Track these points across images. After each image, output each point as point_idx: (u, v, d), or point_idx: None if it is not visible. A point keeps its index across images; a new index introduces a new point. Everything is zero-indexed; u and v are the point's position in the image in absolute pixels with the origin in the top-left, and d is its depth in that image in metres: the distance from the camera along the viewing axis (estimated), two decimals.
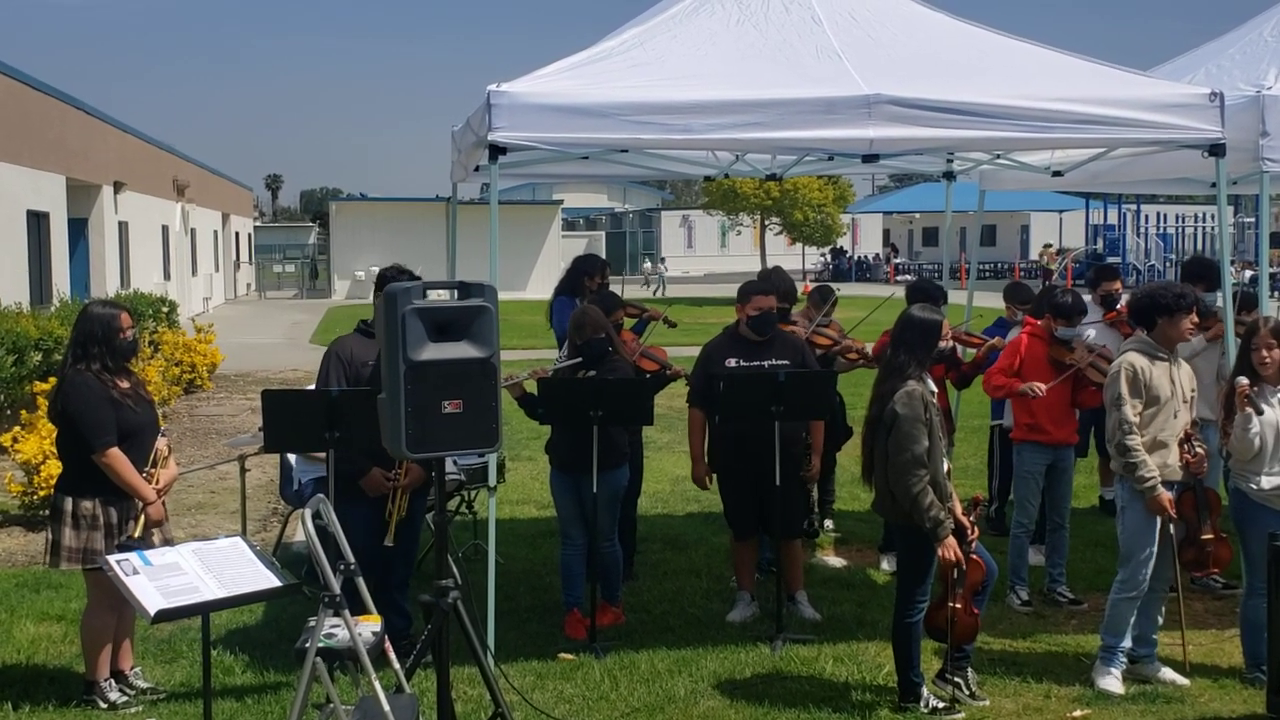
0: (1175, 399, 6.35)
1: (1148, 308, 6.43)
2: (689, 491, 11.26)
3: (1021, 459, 7.88)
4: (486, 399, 5.03)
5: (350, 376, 6.65)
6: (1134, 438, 6.29)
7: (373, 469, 6.64)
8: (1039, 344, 7.77)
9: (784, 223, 43.74)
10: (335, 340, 6.95)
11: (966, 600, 6.13)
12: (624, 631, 7.31)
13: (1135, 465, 6.28)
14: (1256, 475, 6.26)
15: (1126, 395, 6.31)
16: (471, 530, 9.01)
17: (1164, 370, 6.37)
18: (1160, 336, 6.42)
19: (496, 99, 6.24)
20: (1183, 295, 6.43)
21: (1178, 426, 6.37)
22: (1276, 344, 6.25)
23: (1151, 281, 7.67)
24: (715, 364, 7.48)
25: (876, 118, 6.44)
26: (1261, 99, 6.69)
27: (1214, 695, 6.32)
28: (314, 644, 4.71)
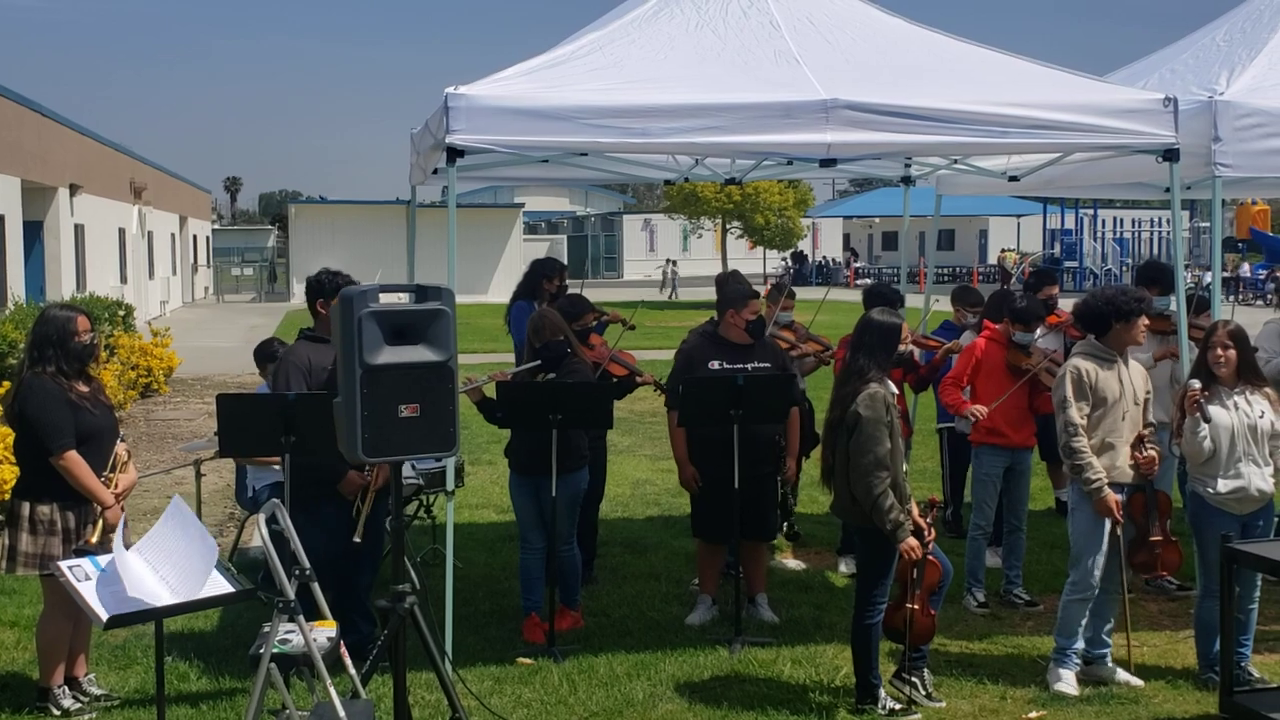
0: (1124, 400, 6.41)
1: (1107, 314, 6.47)
2: (649, 495, 11.29)
3: (980, 462, 7.93)
4: (444, 403, 5.01)
5: (312, 384, 6.61)
6: (1080, 440, 6.35)
7: (349, 471, 6.61)
8: (996, 348, 7.83)
9: (745, 226, 43.83)
10: (287, 350, 6.90)
11: (923, 601, 6.16)
12: (583, 635, 7.30)
13: (1082, 467, 6.34)
14: (1213, 479, 6.32)
15: (1072, 398, 6.37)
16: (430, 535, 8.97)
17: (1112, 373, 6.43)
18: (1114, 340, 6.47)
19: (454, 101, 6.23)
20: (1141, 300, 6.50)
21: (1126, 428, 6.42)
22: (1232, 346, 6.32)
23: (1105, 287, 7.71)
24: (698, 367, 7.46)
25: (834, 122, 6.46)
26: (1213, 104, 6.75)
27: (1168, 696, 6.38)
28: (268, 649, 4.68)
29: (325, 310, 6.76)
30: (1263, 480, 6.31)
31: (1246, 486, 6.27)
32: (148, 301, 35.15)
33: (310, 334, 6.88)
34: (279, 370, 6.77)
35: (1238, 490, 6.28)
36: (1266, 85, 6.97)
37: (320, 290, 6.85)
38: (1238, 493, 6.28)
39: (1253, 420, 6.28)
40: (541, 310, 7.77)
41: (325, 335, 6.78)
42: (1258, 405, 6.32)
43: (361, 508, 6.64)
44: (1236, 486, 6.28)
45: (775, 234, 43.93)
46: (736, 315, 7.43)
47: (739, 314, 7.42)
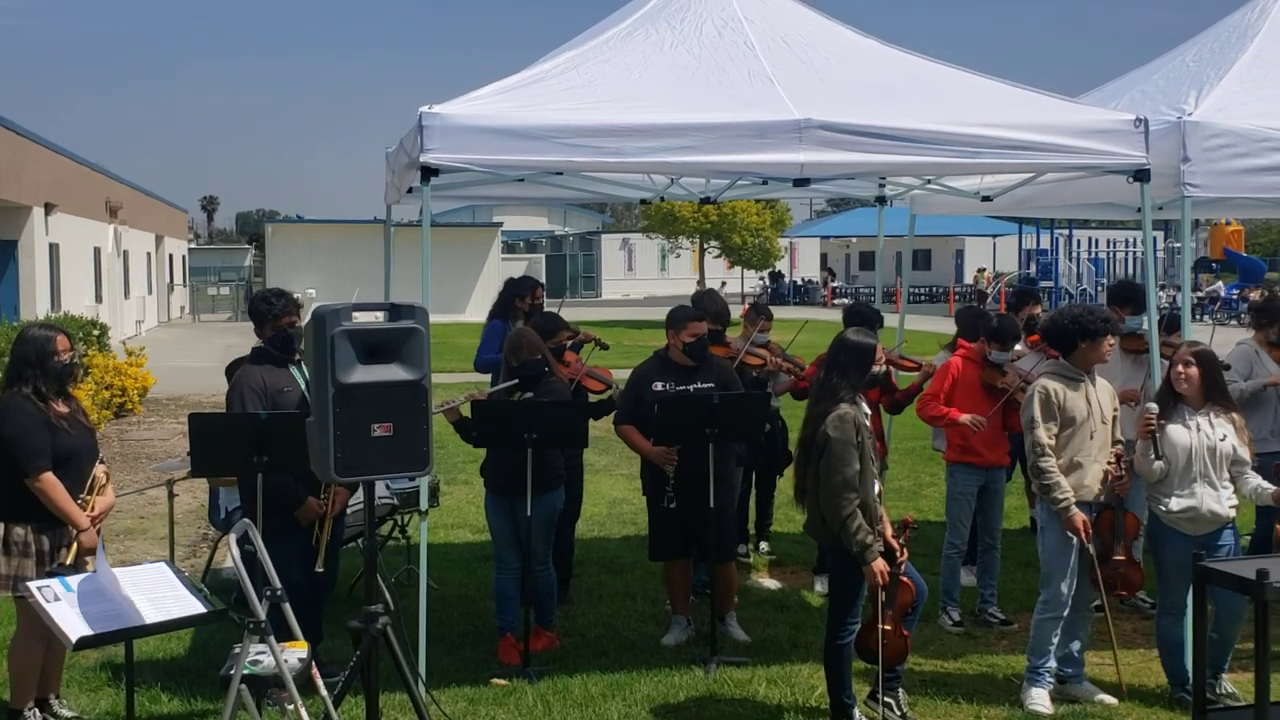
0: (1092, 420, 6.44)
1: (1073, 332, 6.51)
2: (626, 514, 11.27)
3: (954, 480, 7.95)
4: (417, 422, 4.99)
5: (268, 406, 6.57)
6: (1048, 460, 6.38)
7: (309, 498, 6.58)
8: (972, 367, 7.85)
9: (723, 246, 43.91)
10: (241, 371, 6.85)
11: (896, 621, 6.16)
12: (558, 655, 7.27)
13: (1050, 487, 6.37)
14: (1166, 498, 6.37)
15: (1040, 419, 6.40)
16: (405, 555, 8.93)
17: (1080, 392, 6.46)
18: (1080, 359, 6.51)
19: (428, 120, 6.22)
20: (1107, 320, 6.54)
21: (1095, 448, 6.45)
22: (1194, 363, 6.36)
23: (1072, 306, 7.76)
24: (644, 388, 7.49)
25: (807, 142, 6.48)
26: (1182, 125, 6.80)
27: (1141, 714, 6.39)
28: (239, 670, 4.65)
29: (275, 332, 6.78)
30: (1216, 503, 6.32)
31: (1198, 507, 6.30)
32: (123, 321, 34.99)
33: (262, 353, 6.84)
34: (233, 392, 6.73)
35: (1189, 510, 6.31)
36: (1234, 105, 7.02)
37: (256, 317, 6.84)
38: (1189, 512, 6.31)
39: (1213, 442, 6.31)
40: (519, 329, 7.76)
41: (274, 349, 6.76)
42: (1220, 428, 6.35)
43: (321, 536, 6.62)
44: (1188, 506, 6.31)
45: (753, 254, 44.03)
46: (675, 337, 7.48)
47: (678, 336, 7.47)
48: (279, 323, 6.76)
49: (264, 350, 6.85)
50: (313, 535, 6.64)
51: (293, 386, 6.66)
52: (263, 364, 6.78)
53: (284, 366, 6.77)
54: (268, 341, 6.78)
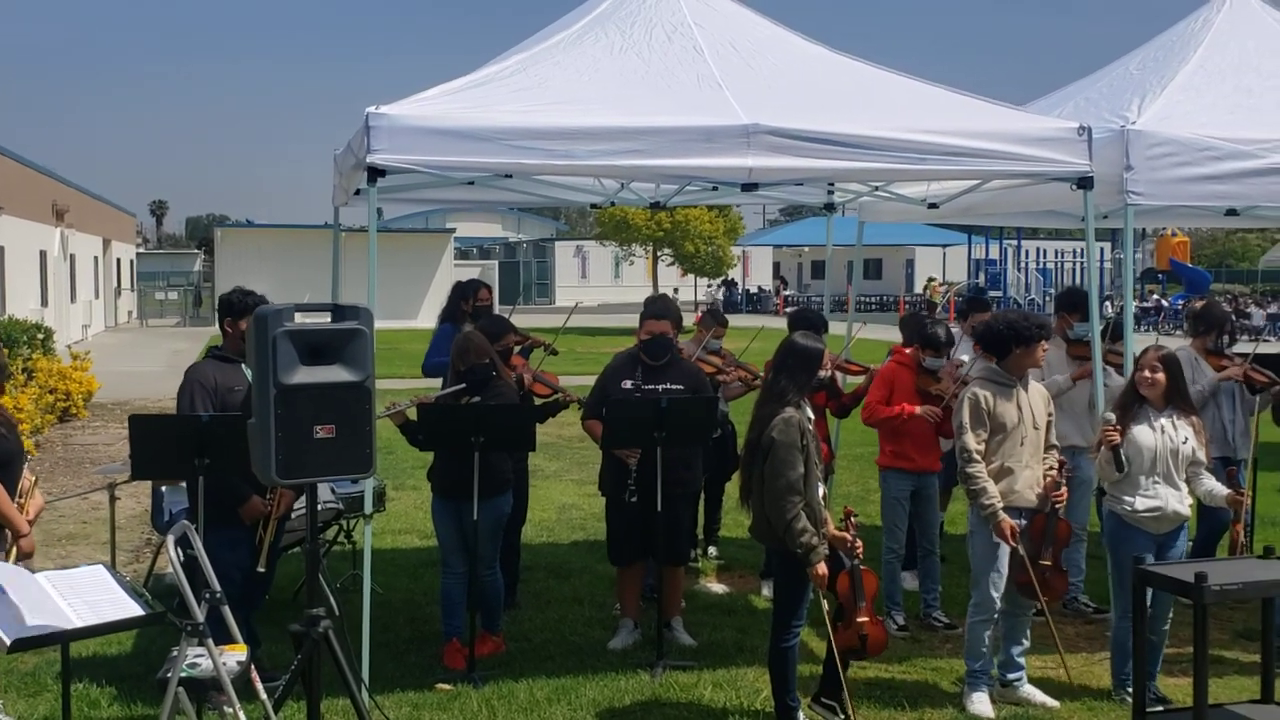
0: (1023, 425, 6.50)
1: (1007, 338, 6.57)
2: (575, 520, 11.25)
3: (887, 485, 8.00)
4: (360, 424, 4.96)
5: (217, 404, 6.51)
6: (975, 466, 6.43)
7: (253, 496, 6.52)
8: (906, 373, 7.92)
9: (676, 254, 44.01)
10: (191, 368, 6.78)
11: (870, 611, 6.20)
12: (504, 660, 7.24)
13: (978, 492, 6.42)
14: (1130, 498, 6.43)
15: (969, 425, 6.46)
16: (350, 561, 8.86)
17: (1010, 398, 6.52)
18: (1013, 365, 6.57)
19: (375, 121, 6.18)
20: (1042, 326, 6.61)
21: (1026, 453, 6.51)
22: (1161, 369, 6.44)
23: (1008, 311, 7.85)
24: (613, 385, 7.49)
25: (755, 147, 6.50)
26: (1125, 133, 6.88)
27: (1082, 716, 6.45)
28: (176, 673, 4.59)
29: (233, 330, 6.70)
30: (1179, 502, 6.43)
31: (1164, 507, 6.39)
32: (69, 325, 34.54)
33: (219, 353, 6.80)
34: (183, 389, 6.65)
35: (1155, 510, 6.39)
36: (1177, 115, 7.11)
37: (230, 309, 6.77)
38: (1155, 512, 6.39)
39: (1175, 444, 6.40)
40: (466, 333, 7.72)
41: (233, 354, 6.71)
42: (1183, 430, 6.45)
43: (264, 536, 6.56)
44: (1154, 506, 6.39)
45: (705, 262, 44.17)
46: (638, 334, 7.52)
47: (639, 333, 7.51)
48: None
49: (221, 350, 6.79)
50: (256, 535, 6.57)
51: (243, 386, 6.59)
52: (217, 362, 6.71)
53: (237, 365, 6.70)
54: (239, 334, 6.69)
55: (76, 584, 4.96)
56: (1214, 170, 6.95)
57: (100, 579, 5.03)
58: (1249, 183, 7.04)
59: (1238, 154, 6.95)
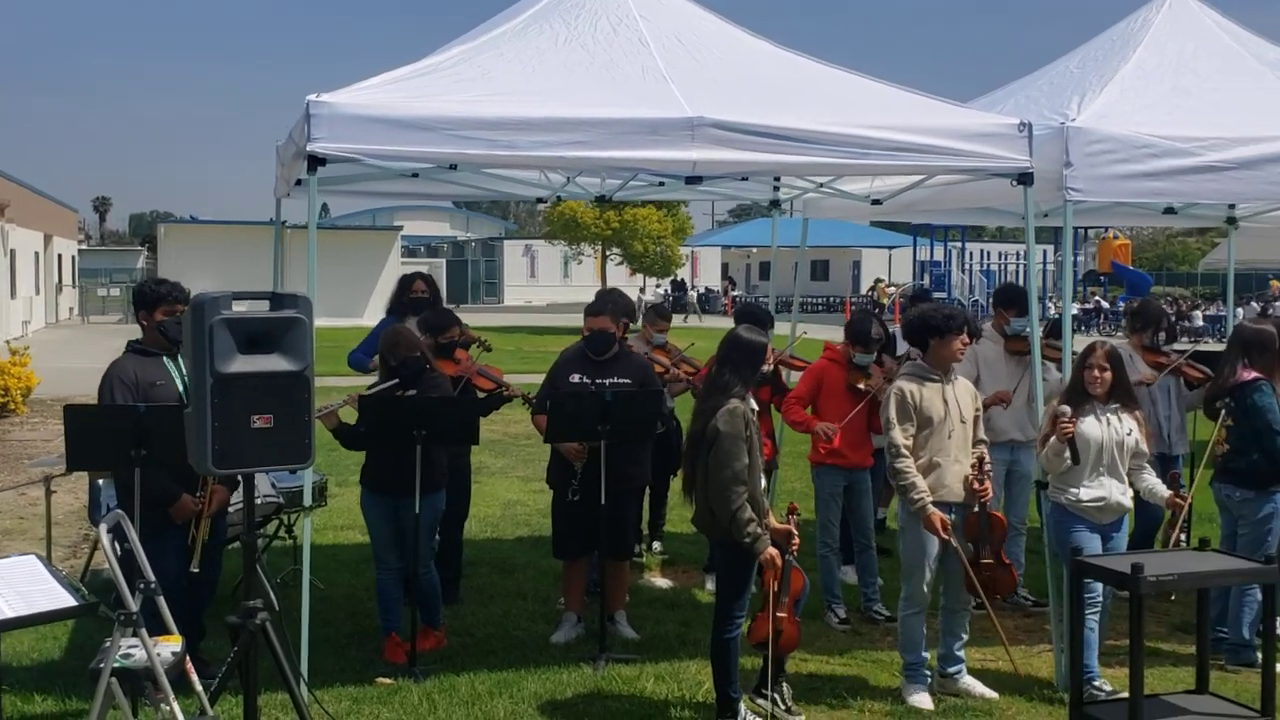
0: (950, 419, 6.54)
1: (920, 329, 6.64)
2: (520, 516, 11.21)
3: (821, 482, 8.04)
4: (299, 414, 4.90)
5: (139, 399, 6.41)
6: (903, 460, 6.47)
7: (183, 495, 6.43)
8: (836, 369, 7.96)
9: (625, 253, 43.99)
10: (112, 364, 6.68)
11: (790, 609, 6.22)
12: (446, 655, 7.19)
13: (907, 487, 6.46)
14: (1074, 488, 6.50)
15: (895, 420, 6.50)
16: (291, 556, 8.77)
17: (936, 392, 6.56)
18: (933, 358, 6.62)
19: (316, 109, 6.11)
20: (952, 317, 6.65)
21: (954, 447, 6.55)
22: (1109, 367, 6.51)
23: (925, 304, 7.95)
24: (561, 378, 7.48)
25: (699, 140, 6.49)
26: (1065, 130, 6.93)
27: (1021, 708, 6.50)
28: (109, 664, 4.52)
29: (149, 322, 6.63)
30: (1121, 494, 6.52)
31: (1108, 497, 6.48)
32: (9, 321, 34.03)
33: (137, 346, 6.69)
34: (103, 385, 6.54)
35: (1100, 500, 6.47)
36: (1117, 112, 7.18)
37: (143, 300, 6.68)
38: (1100, 502, 6.47)
39: (1120, 437, 6.50)
40: (394, 326, 7.64)
41: (152, 347, 6.62)
42: (1127, 423, 6.54)
43: (197, 535, 6.48)
44: (1099, 496, 6.48)
45: (654, 261, 44.16)
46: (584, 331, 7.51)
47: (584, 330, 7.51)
48: (173, 309, 6.57)
49: (139, 343, 6.70)
50: (189, 534, 6.48)
51: (166, 380, 6.51)
52: (137, 356, 6.62)
53: (158, 359, 6.61)
54: (157, 327, 6.60)
55: (8, 574, 4.88)
56: (1152, 168, 7.02)
57: (33, 570, 4.95)
58: (1186, 180, 7.12)
59: (1175, 152, 7.03)
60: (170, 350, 6.61)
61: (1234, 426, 7.09)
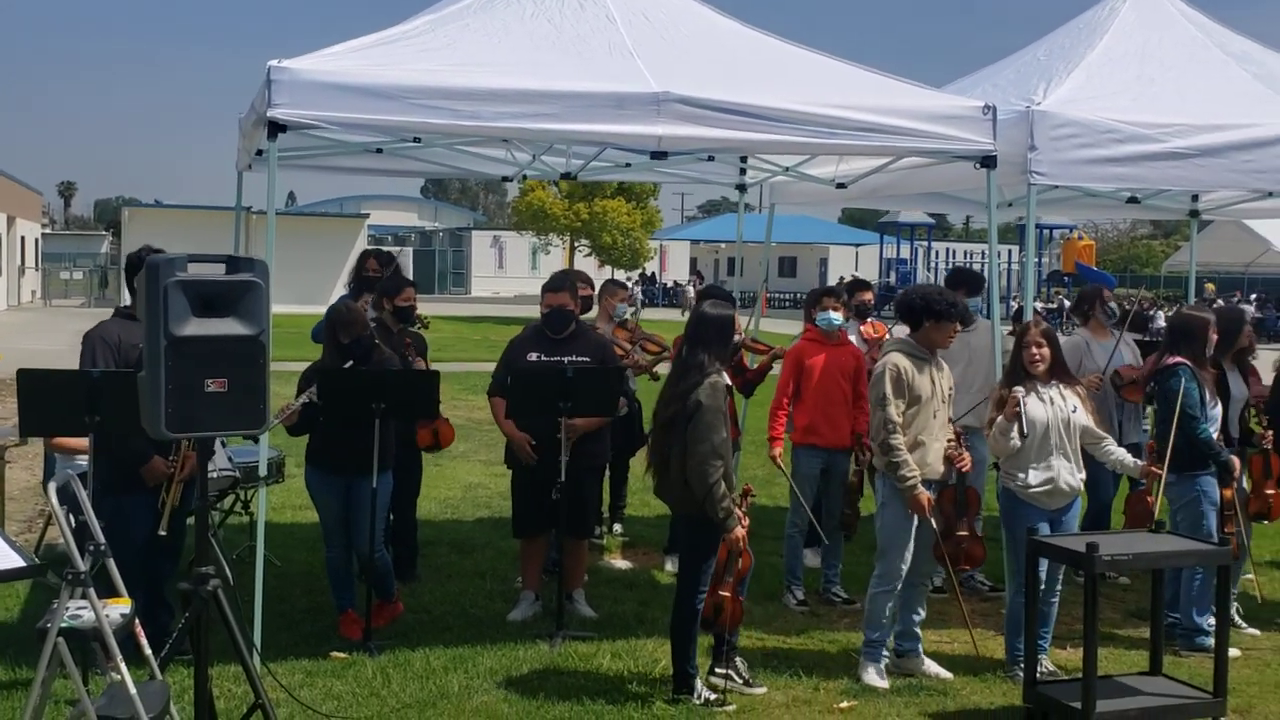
0: (935, 399, 6.55)
1: (920, 310, 6.60)
2: (481, 498, 11.17)
3: (798, 462, 8.01)
4: (254, 378, 4.83)
5: (120, 361, 6.36)
6: (898, 437, 6.45)
7: (154, 456, 6.37)
8: (814, 347, 7.93)
9: (593, 245, 43.98)
10: (96, 325, 6.63)
11: (734, 588, 6.20)
12: (401, 631, 7.15)
13: (898, 465, 6.43)
14: (1023, 473, 6.49)
15: (891, 395, 6.46)
16: (248, 533, 8.70)
17: (926, 371, 6.56)
18: (924, 338, 6.61)
19: (277, 75, 6.06)
20: (954, 305, 6.62)
21: (937, 426, 6.56)
22: (1046, 344, 6.51)
23: (926, 285, 7.97)
24: (517, 358, 7.43)
25: (665, 115, 6.48)
26: (1030, 114, 6.96)
27: (975, 688, 6.52)
28: (56, 624, 4.46)
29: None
30: (1071, 475, 6.50)
31: (1056, 479, 6.46)
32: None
33: (125, 311, 6.65)
34: (86, 345, 6.48)
35: (1048, 483, 6.46)
36: (1082, 97, 7.22)
37: (134, 267, 6.61)
38: (1048, 485, 6.46)
39: (1066, 414, 6.48)
40: (341, 305, 7.51)
41: (138, 313, 6.55)
42: (1070, 400, 6.53)
43: (166, 498, 6.41)
44: (1047, 479, 6.46)
45: (623, 253, 44.18)
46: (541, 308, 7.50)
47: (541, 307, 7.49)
48: None
49: (128, 309, 6.64)
50: (158, 498, 6.41)
51: None
52: (122, 320, 6.56)
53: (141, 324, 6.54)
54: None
55: None
56: (1116, 153, 7.07)
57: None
58: (1149, 166, 7.17)
59: (1139, 137, 7.07)
60: None
61: (1158, 411, 7.17)
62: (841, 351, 7.92)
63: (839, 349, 7.92)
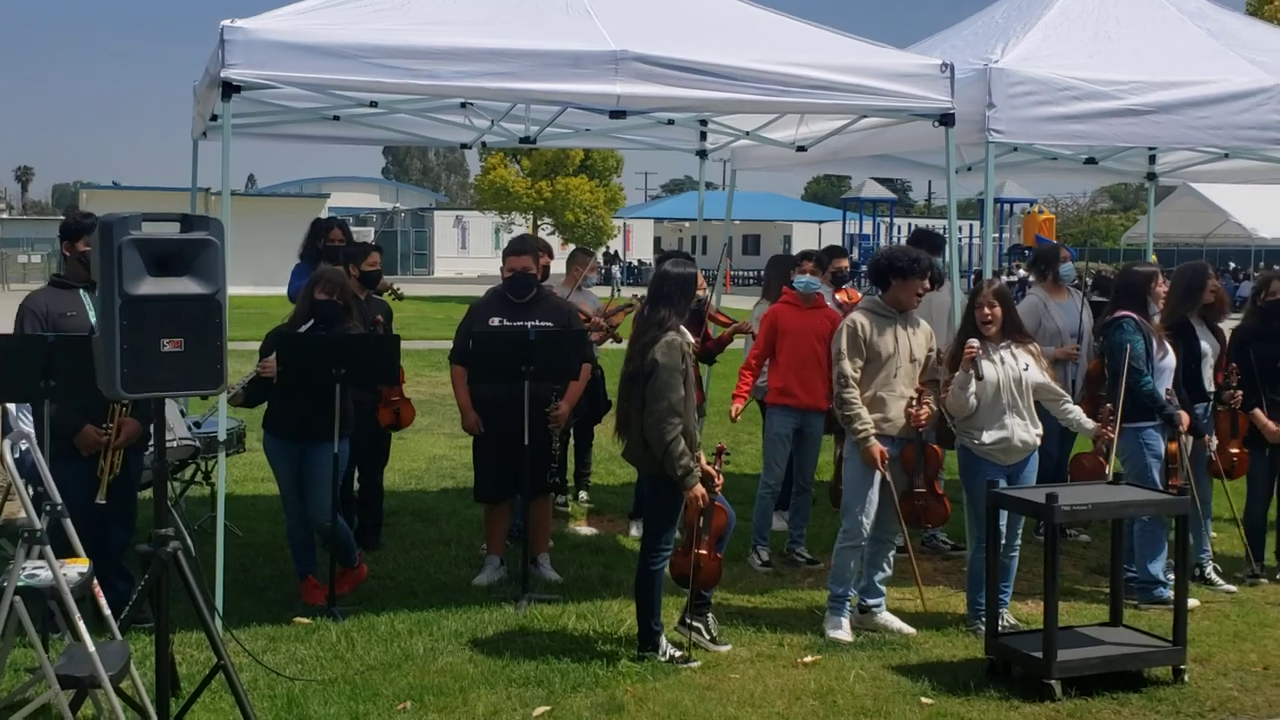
0: (899, 357, 6.58)
1: (885, 269, 6.66)
2: (445, 469, 11.14)
3: (771, 422, 8.03)
4: (210, 338, 4.78)
5: (49, 329, 6.27)
6: (851, 391, 6.50)
7: (85, 425, 6.30)
8: (789, 310, 7.94)
9: (556, 223, 43.86)
10: (28, 296, 6.55)
11: (710, 546, 6.22)
12: (365, 596, 7.13)
13: (851, 418, 6.49)
14: (979, 431, 6.54)
15: (846, 351, 6.53)
16: (209, 504, 8.64)
17: (890, 330, 6.59)
18: (891, 298, 6.65)
19: (230, 35, 5.97)
20: (917, 260, 6.67)
21: (900, 384, 6.59)
22: (998, 304, 6.55)
23: (893, 246, 8.03)
24: (479, 323, 7.40)
25: (623, 74, 6.44)
26: (988, 71, 6.98)
27: (938, 643, 6.56)
28: (12, 582, 4.41)
29: (71, 252, 6.52)
30: (1025, 431, 6.55)
31: (1010, 437, 6.51)
32: None
33: (58, 279, 6.59)
34: (17, 318, 6.41)
35: (1002, 441, 6.50)
36: (1039, 55, 7.24)
37: (65, 230, 6.56)
38: (1002, 443, 6.50)
39: (1018, 373, 6.52)
40: (322, 269, 7.43)
41: (73, 280, 6.49)
42: (1022, 359, 6.57)
43: (105, 466, 6.34)
44: (1001, 437, 6.50)
45: (586, 232, 44.07)
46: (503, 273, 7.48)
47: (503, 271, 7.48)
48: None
49: (60, 277, 6.56)
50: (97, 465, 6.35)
51: (78, 312, 6.38)
52: (53, 289, 6.50)
53: (74, 291, 6.47)
54: (77, 257, 6.46)
55: None
56: (1073, 110, 7.09)
57: None
58: (1106, 123, 7.19)
59: (1096, 94, 7.10)
60: (89, 282, 6.46)
61: (1108, 365, 7.23)
62: (818, 315, 7.93)
63: (815, 312, 7.94)
